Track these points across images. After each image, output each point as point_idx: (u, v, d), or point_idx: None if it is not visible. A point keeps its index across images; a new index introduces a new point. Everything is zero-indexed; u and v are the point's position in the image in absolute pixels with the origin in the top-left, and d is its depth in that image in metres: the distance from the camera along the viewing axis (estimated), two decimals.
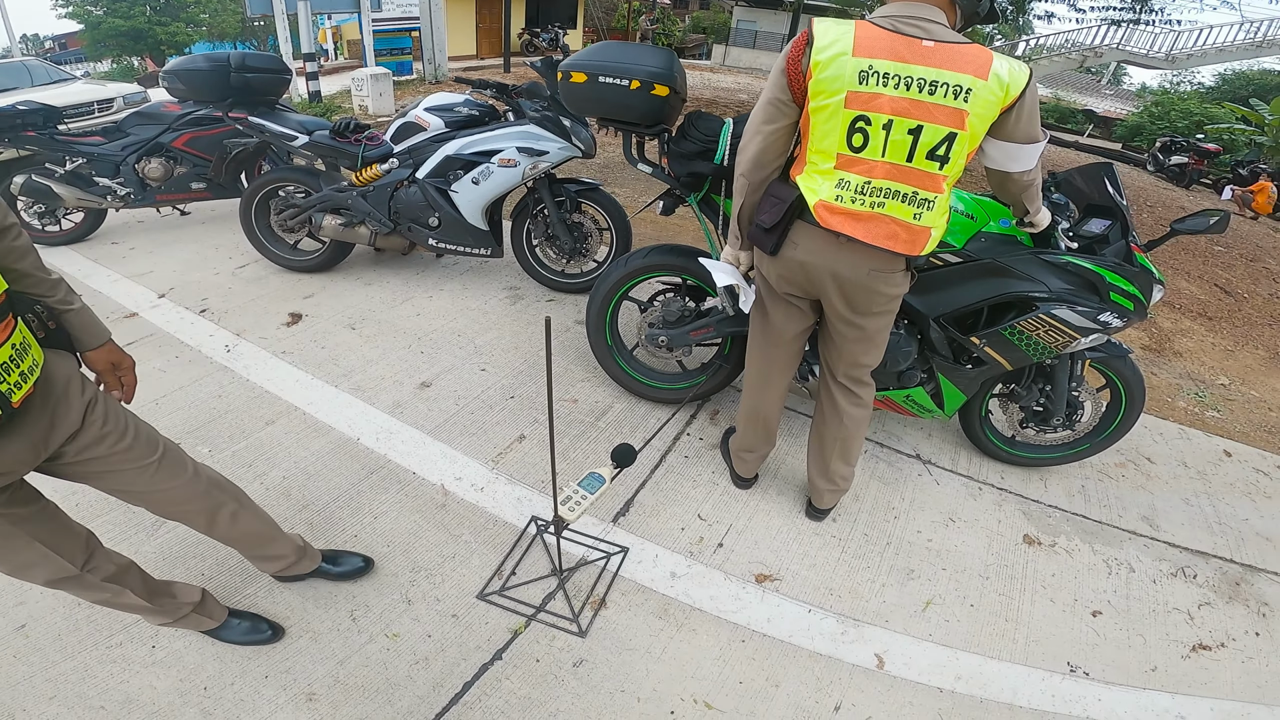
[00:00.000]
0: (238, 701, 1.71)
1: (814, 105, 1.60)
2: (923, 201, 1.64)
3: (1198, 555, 2.48)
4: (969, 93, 1.50)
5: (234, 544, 1.76)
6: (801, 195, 1.71)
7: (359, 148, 3.40)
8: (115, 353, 1.42)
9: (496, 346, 3.31)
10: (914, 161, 1.59)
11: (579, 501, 1.72)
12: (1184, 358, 4.05)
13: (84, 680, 1.73)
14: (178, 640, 1.83)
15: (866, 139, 1.59)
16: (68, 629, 1.84)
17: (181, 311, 3.38)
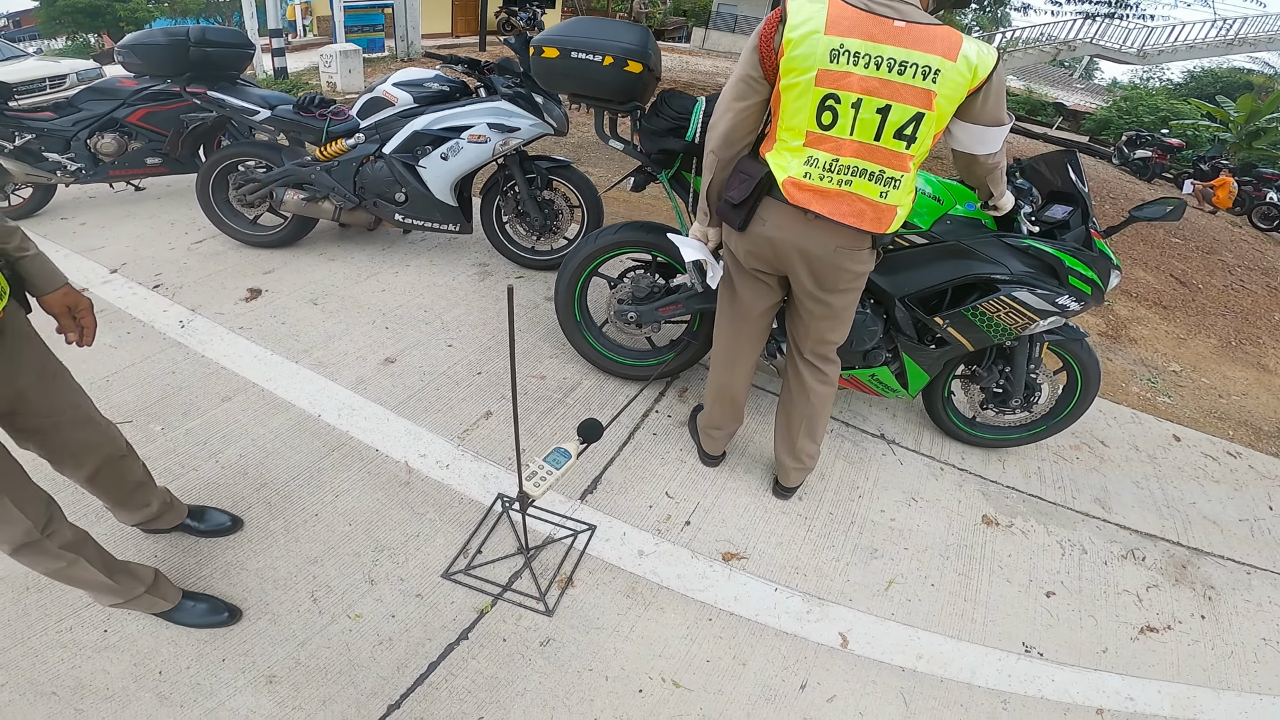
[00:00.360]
0: (194, 685, 1.67)
1: (785, 83, 1.61)
2: (889, 180, 1.66)
3: (1147, 538, 2.56)
4: (937, 74, 1.53)
5: (108, 492, 1.73)
6: (770, 172, 1.72)
7: (323, 123, 3.31)
8: (71, 295, 1.44)
9: (464, 322, 3.25)
10: (882, 140, 1.61)
11: (544, 477, 1.70)
12: (1138, 344, 4.17)
13: (35, 666, 1.67)
14: (131, 624, 1.78)
15: (836, 117, 1.60)
16: (17, 615, 1.77)
17: (134, 287, 3.25)
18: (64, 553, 1.47)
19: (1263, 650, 2.19)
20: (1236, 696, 2.03)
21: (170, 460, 2.28)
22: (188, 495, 2.13)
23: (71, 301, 1.45)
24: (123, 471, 1.71)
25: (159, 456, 2.27)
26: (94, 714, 1.59)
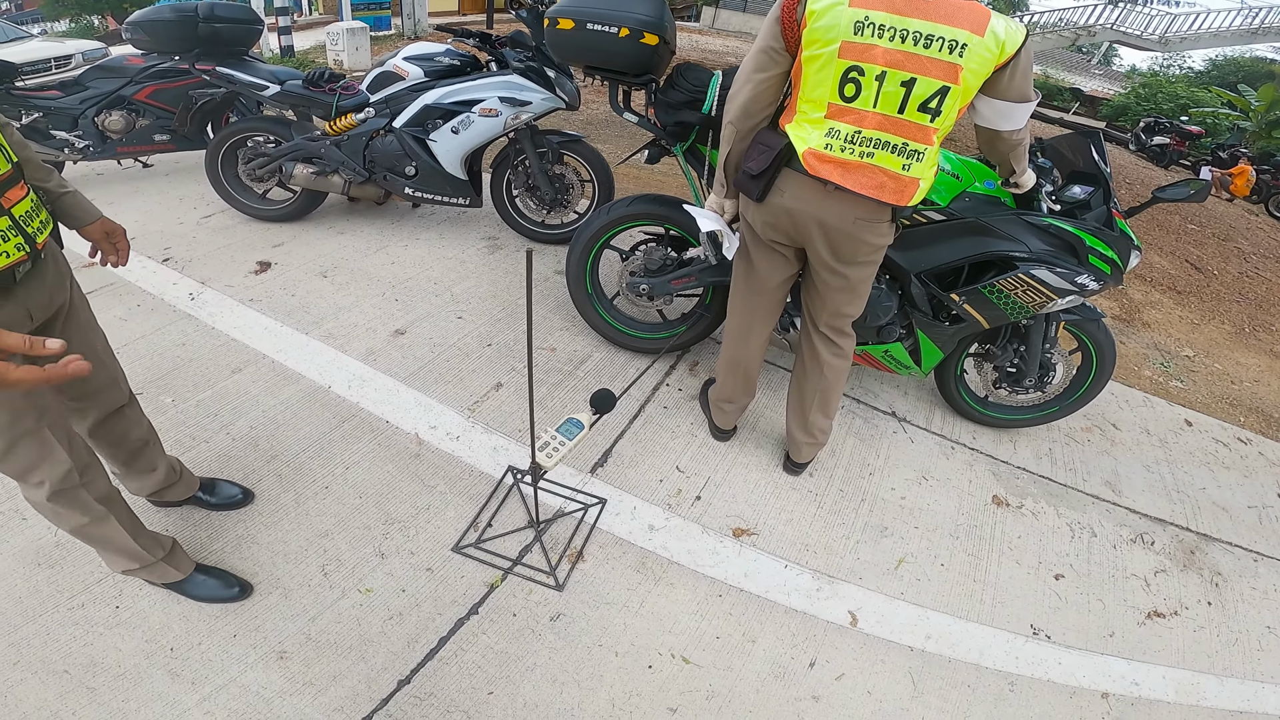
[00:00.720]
0: (205, 662, 1.67)
1: (807, 55, 1.59)
2: (912, 153, 1.64)
3: (1156, 522, 2.55)
4: (964, 48, 1.50)
5: (113, 446, 1.73)
6: (790, 143, 1.70)
7: (333, 97, 3.29)
8: (107, 224, 1.59)
9: (474, 295, 3.25)
10: (905, 113, 1.59)
11: (557, 448, 1.69)
12: (1152, 328, 4.14)
13: (47, 644, 1.67)
14: (143, 600, 1.78)
15: (859, 89, 1.58)
16: (28, 591, 1.77)
17: (143, 260, 3.24)
18: (96, 505, 1.49)
19: (1267, 638, 2.18)
20: (1239, 684, 2.02)
21: (181, 432, 2.28)
22: (199, 467, 2.13)
23: (108, 229, 1.60)
24: (126, 425, 1.71)
25: (170, 428, 2.28)
26: (106, 692, 1.59)
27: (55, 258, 1.41)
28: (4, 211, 1.19)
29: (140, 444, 1.77)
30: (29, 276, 1.28)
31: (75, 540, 1.84)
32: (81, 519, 1.49)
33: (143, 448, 1.79)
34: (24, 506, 1.96)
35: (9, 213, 1.20)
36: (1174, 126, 13.50)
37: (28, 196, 1.27)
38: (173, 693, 1.61)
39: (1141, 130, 13.90)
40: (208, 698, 1.60)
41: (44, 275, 1.34)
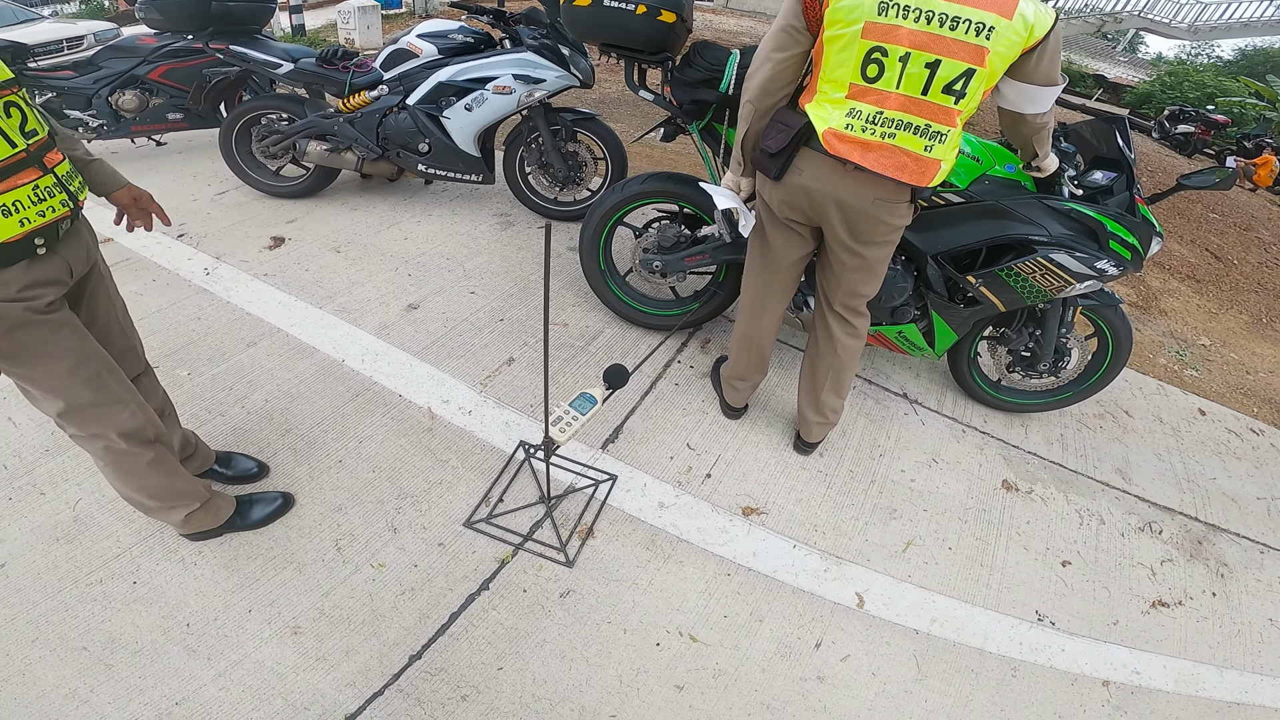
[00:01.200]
0: (221, 637, 1.70)
1: (829, 34, 1.57)
2: (935, 134, 1.62)
3: (1165, 511, 2.54)
4: (991, 31, 1.48)
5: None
6: (809, 123, 1.69)
7: (347, 75, 3.30)
8: (134, 189, 1.66)
9: (486, 270, 3.25)
10: (929, 95, 1.57)
11: (570, 423, 1.69)
12: (1169, 316, 4.09)
13: (65, 621, 1.70)
14: (159, 575, 1.81)
15: (882, 70, 1.56)
16: (47, 567, 1.80)
17: (158, 236, 3.25)
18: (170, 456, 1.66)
19: (1268, 631, 2.18)
20: (1239, 675, 2.02)
21: (197, 405, 2.31)
22: (215, 441, 2.16)
23: (135, 194, 1.67)
24: (145, 392, 1.74)
25: (186, 402, 2.30)
26: (124, 669, 1.62)
27: (85, 222, 1.50)
28: (49, 170, 1.30)
29: (157, 413, 1.79)
30: (70, 234, 1.39)
31: (93, 514, 1.91)
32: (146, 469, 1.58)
33: (159, 417, 1.80)
34: (42, 481, 2.00)
35: (53, 171, 1.31)
36: (1199, 115, 13.27)
37: (65, 160, 1.37)
38: (189, 669, 1.63)
39: (1166, 118, 13.68)
40: (223, 673, 1.63)
41: (82, 235, 1.45)
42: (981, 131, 7.71)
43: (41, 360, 1.35)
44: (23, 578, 1.77)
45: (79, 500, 1.96)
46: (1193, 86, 17.50)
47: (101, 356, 1.46)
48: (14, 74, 1.25)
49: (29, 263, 1.27)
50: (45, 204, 1.27)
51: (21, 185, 1.23)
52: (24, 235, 1.23)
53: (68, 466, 2.05)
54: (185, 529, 1.82)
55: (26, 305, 1.28)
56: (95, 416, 1.46)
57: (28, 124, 1.28)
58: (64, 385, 1.39)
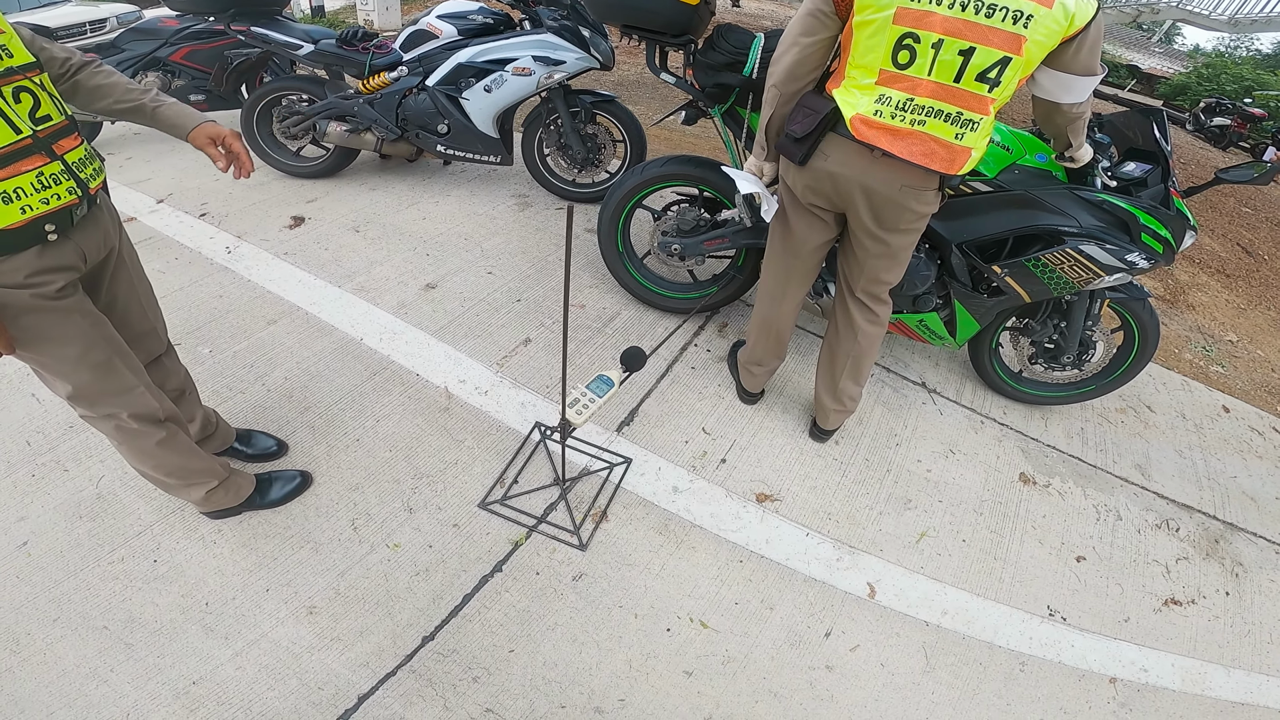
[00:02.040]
0: (239, 617, 1.72)
1: (859, 19, 1.53)
2: (966, 122, 1.58)
3: (1183, 509, 2.50)
4: (1030, 19, 1.43)
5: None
6: (836, 107, 1.66)
7: (367, 56, 3.31)
8: (210, 128, 1.58)
9: (504, 251, 3.26)
10: (962, 82, 1.53)
11: (586, 405, 1.69)
12: (1196, 311, 4.02)
13: (87, 600, 1.72)
14: (179, 554, 1.84)
15: (913, 56, 1.52)
16: (69, 545, 1.83)
17: (180, 215, 3.29)
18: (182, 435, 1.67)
19: (1278, 632, 2.15)
20: (1245, 675, 2.00)
21: (218, 383, 2.34)
22: (235, 418, 2.18)
23: (213, 133, 1.59)
24: (164, 373, 1.77)
25: (208, 379, 2.33)
26: (143, 648, 1.65)
27: (107, 207, 1.49)
28: (57, 157, 1.28)
29: (177, 393, 1.82)
30: (84, 221, 1.38)
31: (115, 491, 1.94)
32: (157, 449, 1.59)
33: (179, 397, 1.83)
34: (65, 458, 2.03)
35: (62, 159, 1.29)
36: (1236, 108, 12.99)
37: (81, 146, 1.36)
38: (207, 648, 1.66)
39: (1201, 110, 13.42)
40: (240, 653, 1.66)
41: (98, 221, 1.43)
42: (1012, 120, 7.58)
43: (50, 345, 1.35)
44: (45, 555, 1.80)
45: (102, 477, 2.00)
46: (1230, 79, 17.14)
47: (113, 341, 1.46)
48: (35, 59, 1.25)
49: (40, 249, 1.27)
50: (50, 191, 1.26)
51: (25, 172, 1.22)
52: (28, 222, 1.23)
53: (91, 443, 2.08)
54: (205, 507, 1.85)
55: (34, 292, 1.28)
56: (104, 399, 1.47)
57: (40, 109, 1.27)
58: (73, 370, 1.40)
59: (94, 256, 1.42)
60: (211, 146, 1.58)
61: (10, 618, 1.67)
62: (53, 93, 1.32)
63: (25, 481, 1.97)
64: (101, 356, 1.43)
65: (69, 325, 1.36)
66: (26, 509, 1.90)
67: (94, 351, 1.41)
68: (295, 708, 1.58)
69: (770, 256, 2.17)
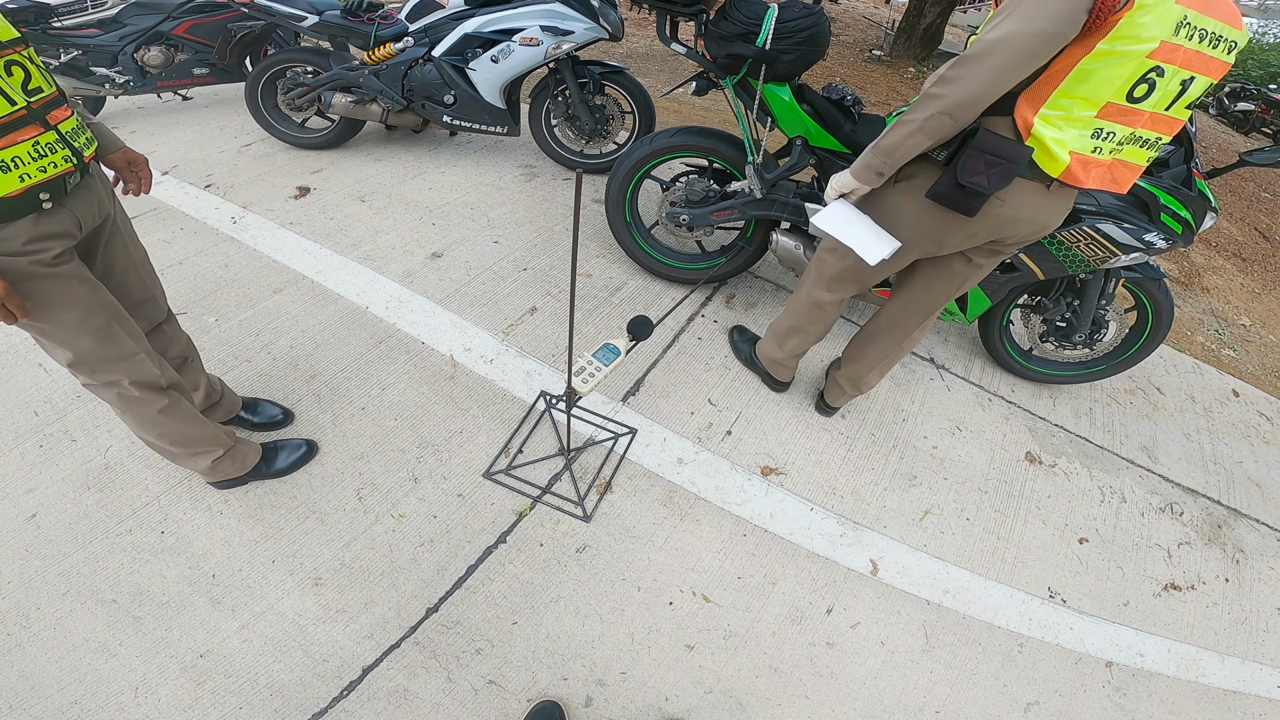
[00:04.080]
0: (245, 589, 1.73)
1: (1106, 47, 1.29)
2: (1158, 145, 1.49)
3: (1188, 493, 2.49)
4: (1235, 46, 1.35)
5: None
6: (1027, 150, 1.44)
7: (372, 27, 3.27)
8: (130, 153, 1.64)
9: (510, 220, 3.25)
10: (1172, 110, 1.42)
11: (593, 374, 1.67)
12: (1211, 294, 3.97)
13: (95, 572, 1.73)
14: (186, 524, 1.85)
15: (1150, 90, 1.35)
16: (78, 517, 1.84)
17: (186, 187, 3.28)
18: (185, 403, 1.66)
19: (1275, 620, 2.15)
20: (1239, 663, 2.00)
21: (225, 351, 2.34)
22: (241, 387, 2.19)
23: (131, 158, 1.65)
24: (166, 341, 1.77)
25: (214, 348, 2.33)
26: (151, 620, 1.66)
27: (100, 176, 1.51)
28: (52, 127, 1.31)
29: (180, 360, 1.82)
30: (78, 189, 1.39)
31: (123, 461, 1.94)
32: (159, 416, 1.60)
33: (182, 364, 1.83)
34: (73, 428, 2.04)
35: (56, 128, 1.32)
36: (1260, 94, 12.86)
37: (72, 116, 1.38)
38: (214, 620, 1.67)
39: (1225, 95, 13.27)
40: (246, 625, 1.67)
41: (92, 189, 1.44)
42: None
43: (50, 311, 1.37)
44: (54, 528, 1.81)
45: (109, 447, 2.00)
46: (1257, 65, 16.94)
47: (111, 307, 1.47)
48: (20, 34, 1.26)
49: (36, 217, 1.29)
50: (46, 159, 1.28)
51: (21, 142, 1.24)
52: (25, 190, 1.25)
53: (98, 413, 2.09)
54: (212, 476, 1.85)
55: (33, 259, 1.30)
56: (105, 366, 1.48)
57: (31, 82, 1.28)
58: (73, 336, 1.42)
59: (88, 223, 1.43)
60: (127, 170, 1.64)
61: (20, 592, 1.68)
62: (40, 66, 1.33)
63: (33, 453, 1.98)
64: (100, 322, 1.44)
65: (67, 291, 1.37)
66: (35, 480, 1.90)
67: (93, 317, 1.42)
68: (301, 679, 1.60)
69: (822, 279, 2.05)
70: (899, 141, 1.51)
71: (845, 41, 8.80)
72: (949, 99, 1.41)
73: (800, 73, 2.25)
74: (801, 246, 2.51)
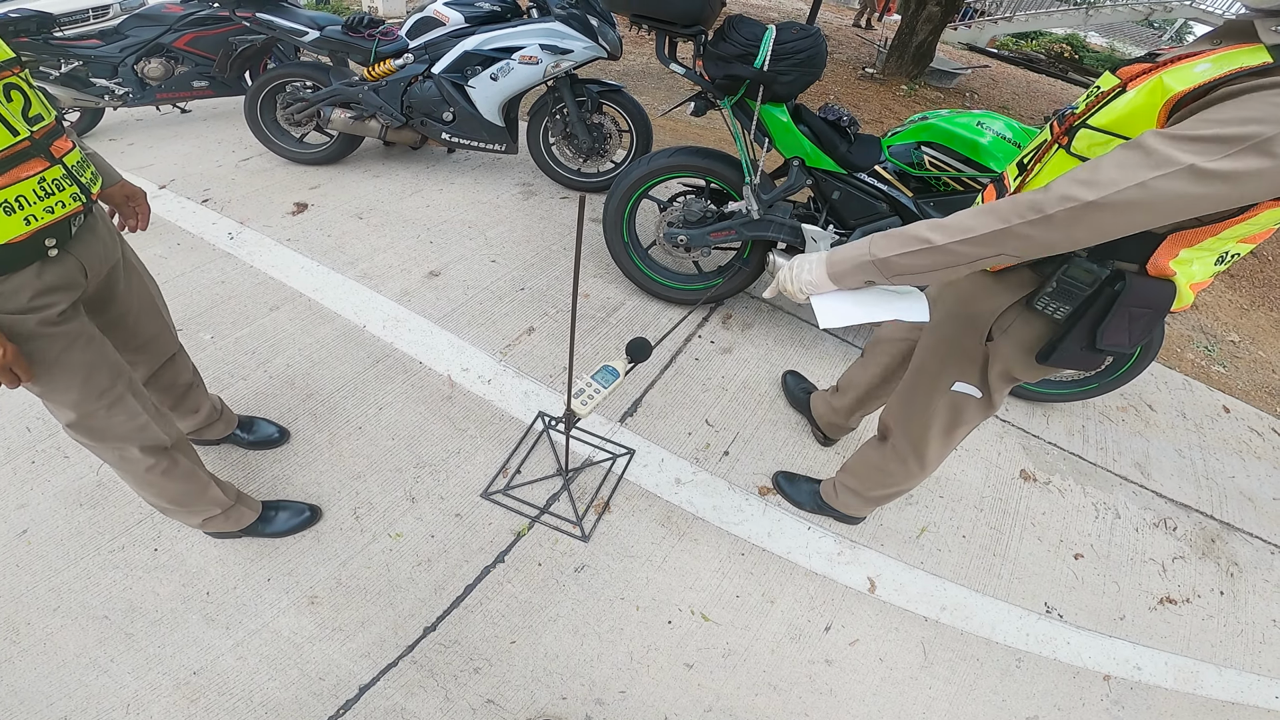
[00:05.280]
0: (240, 606, 1.72)
1: None
2: None
3: (1181, 508, 2.52)
4: None
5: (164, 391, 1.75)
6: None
7: (373, 43, 3.29)
8: (128, 187, 1.56)
9: (508, 239, 3.26)
10: None
11: (591, 395, 1.67)
12: (1199, 310, 4.02)
13: (87, 589, 1.72)
14: (180, 542, 1.83)
15: None
16: (70, 533, 1.82)
17: (183, 201, 3.28)
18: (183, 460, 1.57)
19: (1270, 632, 2.17)
20: (1237, 675, 2.02)
21: (220, 369, 2.33)
22: (237, 404, 2.18)
23: (129, 192, 1.56)
24: (176, 371, 1.75)
25: (209, 365, 2.32)
26: (144, 638, 1.65)
27: (103, 215, 1.40)
28: (57, 160, 1.18)
29: (186, 387, 1.80)
30: (83, 230, 1.27)
31: (116, 479, 1.91)
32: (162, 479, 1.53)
33: (188, 390, 1.82)
34: (66, 444, 2.02)
35: (61, 162, 1.19)
36: None
37: (75, 149, 1.26)
38: (208, 638, 1.66)
39: None
40: (241, 643, 1.66)
41: (96, 231, 1.32)
42: (1018, 115, 7.55)
43: (52, 374, 1.25)
44: (46, 544, 1.80)
45: (103, 464, 1.98)
46: None
47: (117, 367, 1.36)
48: (15, 55, 1.13)
49: (40, 265, 1.16)
50: (54, 199, 1.15)
51: (26, 178, 1.10)
52: (30, 235, 1.11)
53: None
54: (204, 529, 1.79)
55: (40, 317, 1.18)
56: (111, 433, 1.39)
57: (31, 109, 1.14)
58: (76, 399, 1.30)
59: (95, 272, 1.32)
60: (126, 205, 1.55)
61: (10, 607, 1.67)
62: (37, 90, 1.19)
63: (25, 468, 1.96)
64: (105, 383, 1.33)
65: (73, 352, 1.26)
66: (27, 496, 1.89)
67: (98, 378, 1.32)
68: (296, 698, 1.58)
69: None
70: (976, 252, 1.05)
71: (839, 59, 8.90)
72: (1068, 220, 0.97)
73: (798, 93, 2.28)
74: None
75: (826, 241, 2.43)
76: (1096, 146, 1.07)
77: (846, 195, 2.37)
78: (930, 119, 2.23)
